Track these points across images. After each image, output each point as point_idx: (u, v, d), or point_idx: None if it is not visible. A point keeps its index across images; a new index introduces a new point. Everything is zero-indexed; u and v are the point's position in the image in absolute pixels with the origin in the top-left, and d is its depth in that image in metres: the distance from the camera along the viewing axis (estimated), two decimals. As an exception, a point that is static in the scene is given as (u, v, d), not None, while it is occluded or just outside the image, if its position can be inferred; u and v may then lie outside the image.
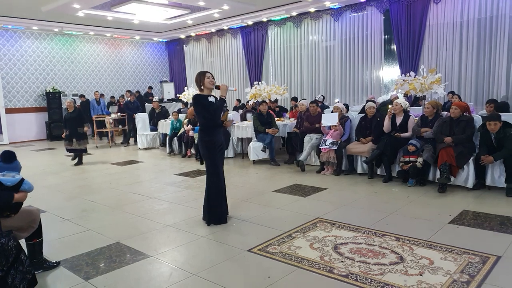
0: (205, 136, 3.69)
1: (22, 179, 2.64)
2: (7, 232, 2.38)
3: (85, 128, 7.39)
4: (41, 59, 12.11)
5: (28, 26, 11.30)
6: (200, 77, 3.70)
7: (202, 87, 3.70)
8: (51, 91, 12.00)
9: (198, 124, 4.02)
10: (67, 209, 4.51)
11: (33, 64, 11.97)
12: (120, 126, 10.87)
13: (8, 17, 10.56)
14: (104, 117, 10.54)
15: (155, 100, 10.34)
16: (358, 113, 6.70)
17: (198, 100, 3.66)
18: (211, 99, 3.67)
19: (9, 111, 11.41)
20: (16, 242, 2.35)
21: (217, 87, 3.73)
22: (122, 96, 11.58)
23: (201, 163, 4.09)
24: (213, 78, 3.72)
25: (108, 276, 2.78)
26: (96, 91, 12.32)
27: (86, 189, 5.57)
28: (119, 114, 10.62)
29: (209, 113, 3.64)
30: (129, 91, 11.67)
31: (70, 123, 7.31)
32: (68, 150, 7.50)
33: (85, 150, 7.50)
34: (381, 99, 8.31)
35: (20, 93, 11.82)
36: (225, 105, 3.93)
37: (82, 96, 11.94)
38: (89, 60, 13.16)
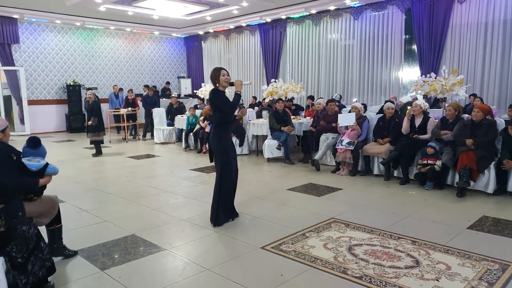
0: (221, 131, 3.69)
1: (47, 164, 2.71)
2: (28, 220, 2.44)
3: (89, 122, 7.60)
4: (62, 52, 12.37)
5: (51, 20, 11.56)
6: (216, 74, 3.66)
7: (217, 84, 3.68)
8: (71, 84, 12.27)
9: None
10: (84, 200, 4.61)
11: (55, 57, 12.25)
12: (131, 121, 10.51)
13: (33, 10, 10.81)
14: (119, 110, 10.44)
15: (174, 96, 10.39)
16: (376, 114, 6.59)
17: (217, 94, 3.64)
18: (228, 95, 3.74)
19: (31, 102, 11.71)
20: (36, 230, 2.42)
21: (231, 84, 3.70)
22: (130, 90, 11.51)
23: (211, 161, 3.90)
24: (228, 75, 3.67)
25: (123, 267, 2.83)
26: (115, 85, 12.51)
27: (103, 181, 5.68)
28: (129, 108, 10.27)
29: (226, 108, 3.64)
30: (146, 86, 11.75)
31: (87, 115, 7.91)
32: (90, 142, 7.86)
33: (100, 142, 7.77)
34: (404, 99, 8.15)
35: (42, 85, 12.13)
36: (241, 102, 3.93)
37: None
38: (108, 54, 13.38)
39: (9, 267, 2.19)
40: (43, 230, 2.78)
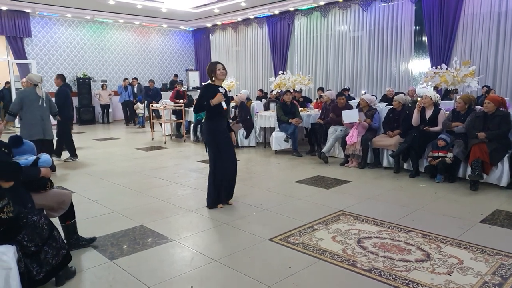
0: (212, 123, 3.82)
1: (37, 158, 2.70)
2: (38, 211, 2.47)
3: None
4: (73, 45, 12.45)
5: (62, 14, 11.63)
6: (212, 68, 3.82)
7: (213, 78, 3.82)
8: (81, 76, 12.37)
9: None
10: (94, 191, 4.65)
11: (66, 51, 12.33)
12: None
13: (44, 4, 10.89)
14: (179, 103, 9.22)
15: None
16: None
17: (209, 88, 3.81)
18: (222, 90, 3.82)
19: (42, 95, 11.83)
20: (47, 220, 2.44)
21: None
22: (179, 81, 11.53)
23: (207, 151, 4.04)
24: (224, 69, 3.85)
25: (132, 258, 2.84)
26: (126, 78, 12.46)
27: (112, 172, 5.72)
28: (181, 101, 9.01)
29: (199, 102, 3.80)
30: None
31: None
32: None
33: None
34: (420, 91, 7.99)
35: (53, 78, 12.20)
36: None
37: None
38: (118, 47, 13.42)
39: (21, 256, 2.21)
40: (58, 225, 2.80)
